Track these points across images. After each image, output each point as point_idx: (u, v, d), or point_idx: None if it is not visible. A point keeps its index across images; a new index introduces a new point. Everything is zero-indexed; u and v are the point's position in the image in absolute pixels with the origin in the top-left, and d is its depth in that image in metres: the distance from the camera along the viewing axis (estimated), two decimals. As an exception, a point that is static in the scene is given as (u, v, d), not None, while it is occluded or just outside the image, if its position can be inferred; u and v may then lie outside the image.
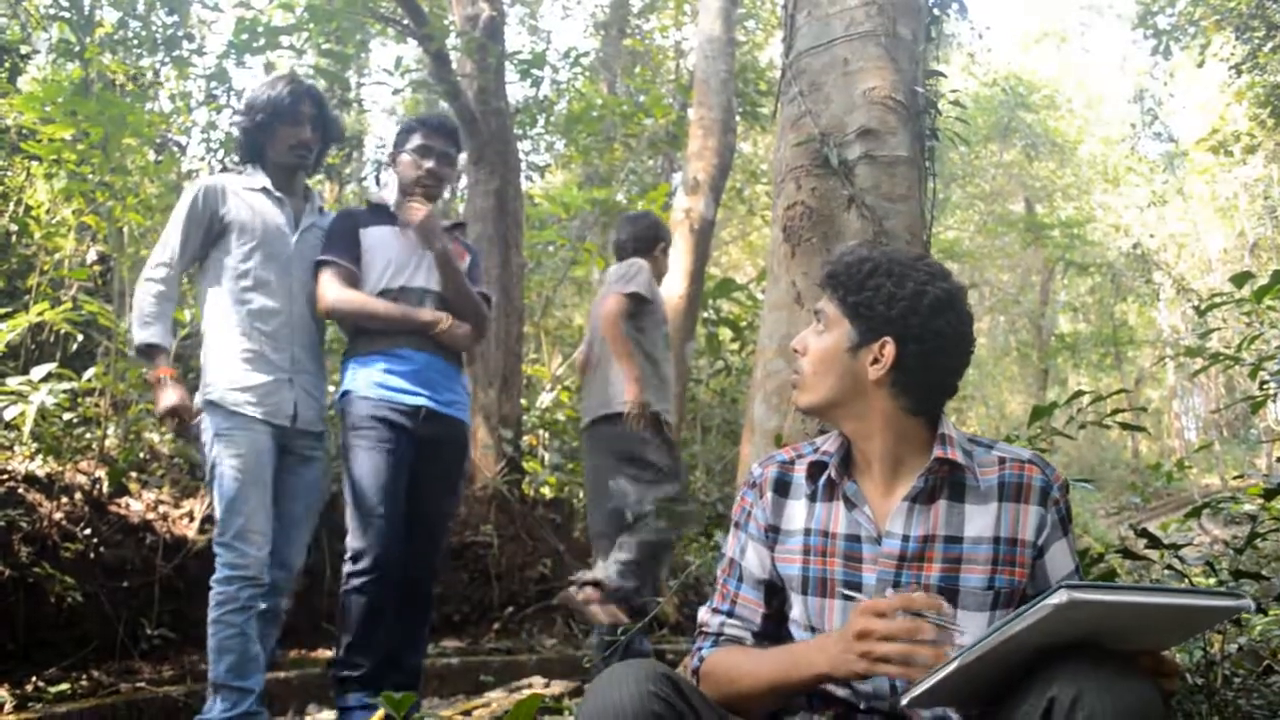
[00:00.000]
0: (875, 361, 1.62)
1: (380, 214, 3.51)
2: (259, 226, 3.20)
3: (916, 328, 1.60)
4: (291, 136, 3.28)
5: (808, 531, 1.69)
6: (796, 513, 1.73)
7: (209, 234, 3.19)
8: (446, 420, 3.38)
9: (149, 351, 3.10)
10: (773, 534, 1.74)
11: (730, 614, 1.78)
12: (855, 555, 1.64)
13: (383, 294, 3.36)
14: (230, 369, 3.10)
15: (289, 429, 3.17)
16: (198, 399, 3.12)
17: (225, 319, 3.14)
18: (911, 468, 1.64)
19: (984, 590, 1.57)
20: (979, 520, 1.60)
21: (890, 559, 1.60)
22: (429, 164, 3.48)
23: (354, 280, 3.36)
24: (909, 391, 1.63)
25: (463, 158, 6.03)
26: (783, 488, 1.76)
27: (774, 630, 1.77)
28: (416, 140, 3.51)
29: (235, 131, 3.44)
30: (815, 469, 1.72)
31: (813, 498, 1.71)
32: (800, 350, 1.72)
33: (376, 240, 3.42)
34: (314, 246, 3.34)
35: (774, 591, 1.76)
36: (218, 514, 3.04)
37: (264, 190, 3.26)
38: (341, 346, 3.66)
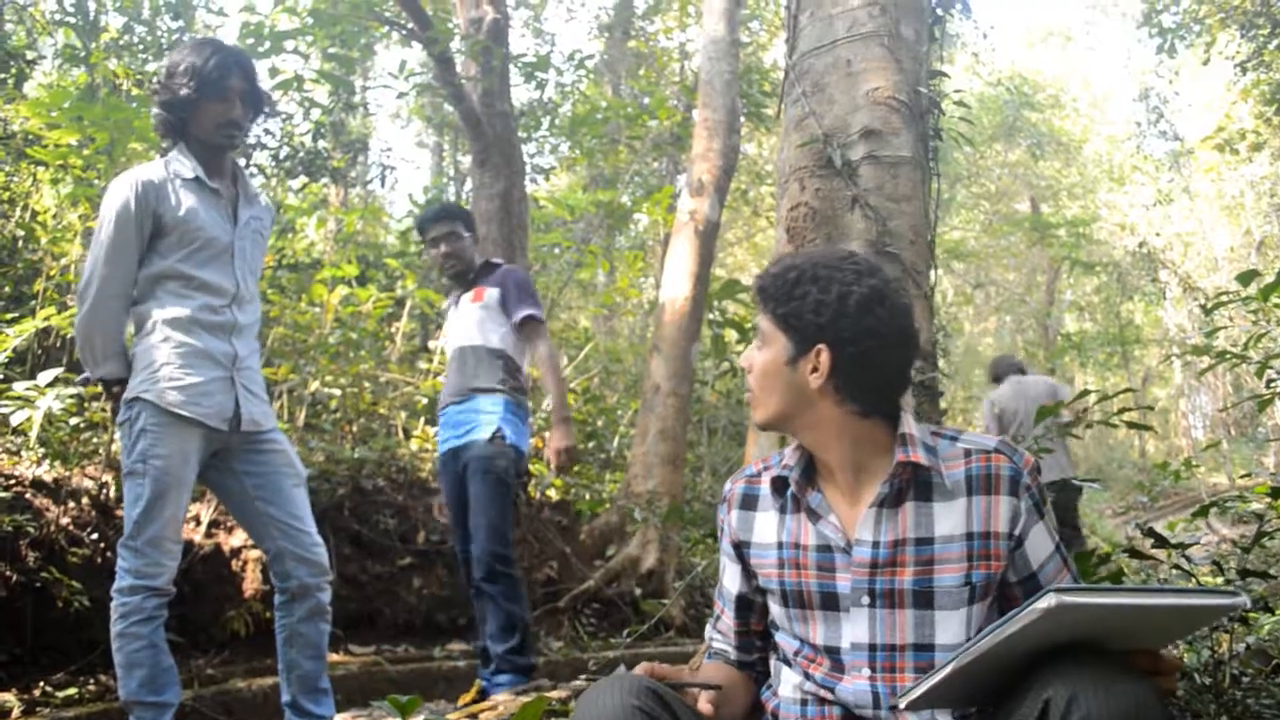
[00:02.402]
0: (814, 371, 1.58)
1: (451, 301, 4.33)
2: (197, 225, 2.88)
3: (848, 330, 1.56)
4: (219, 114, 2.90)
5: (780, 545, 1.68)
6: (767, 526, 1.71)
7: (151, 234, 2.87)
8: (464, 448, 3.98)
9: (109, 385, 2.87)
10: (744, 549, 1.74)
11: (717, 628, 1.84)
12: (828, 565, 1.62)
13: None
14: (167, 366, 2.81)
15: (228, 433, 2.89)
16: (128, 393, 2.83)
17: (162, 317, 2.85)
18: (875, 471, 1.62)
19: (960, 588, 1.55)
20: (949, 518, 1.57)
21: (862, 567, 1.58)
22: (441, 250, 4.17)
23: None
24: (855, 396, 1.59)
25: (467, 161, 6.14)
26: (749, 502, 1.75)
27: (749, 644, 1.79)
28: (426, 235, 4.25)
29: (154, 105, 3.02)
30: (778, 484, 1.70)
31: (782, 510, 1.70)
32: (747, 367, 1.69)
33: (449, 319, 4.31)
34: (255, 241, 3.07)
35: (748, 607, 1.78)
36: (131, 515, 2.75)
37: (197, 180, 2.92)
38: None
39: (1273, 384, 3.31)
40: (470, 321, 4.09)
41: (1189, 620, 1.47)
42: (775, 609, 1.70)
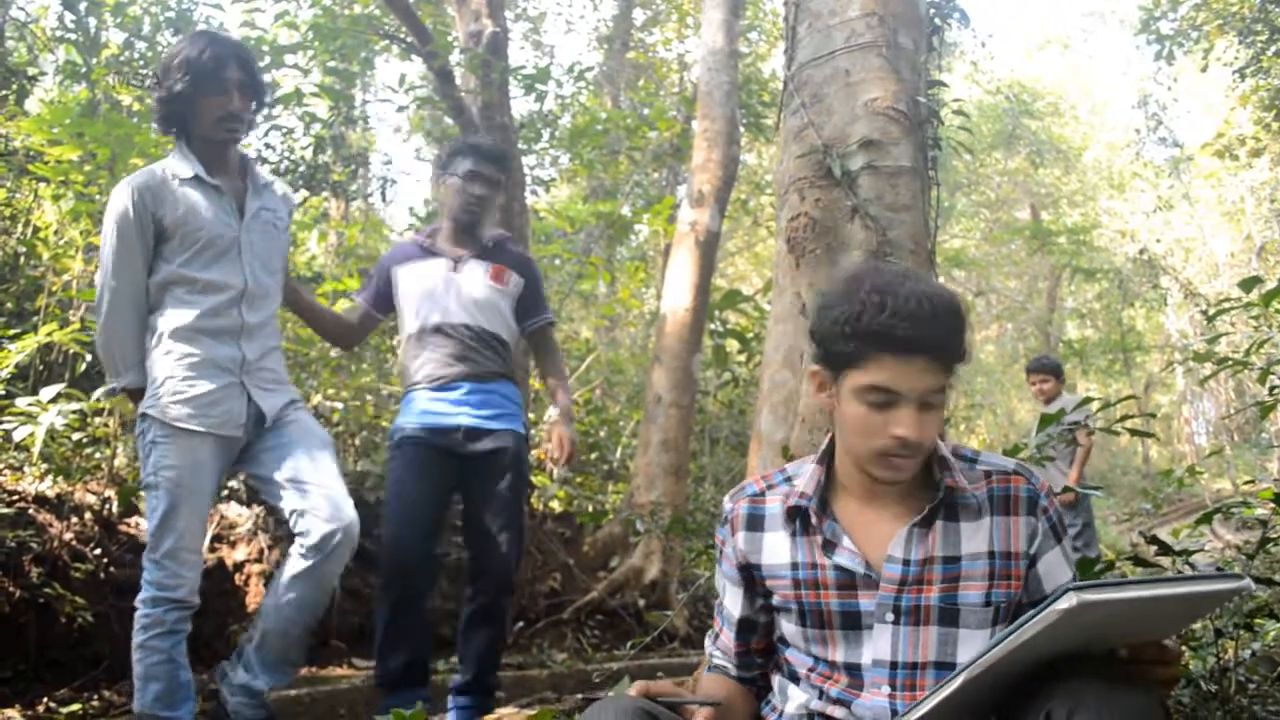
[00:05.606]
0: (943, 390, 1.58)
1: (424, 250, 3.56)
2: (199, 226, 2.82)
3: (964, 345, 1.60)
4: (218, 108, 2.83)
5: (796, 565, 1.67)
6: (778, 546, 1.69)
7: (155, 239, 2.83)
8: (493, 433, 3.42)
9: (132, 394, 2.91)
10: (753, 570, 1.72)
11: (717, 645, 1.85)
12: (849, 584, 1.62)
13: (420, 332, 3.44)
14: (170, 380, 2.80)
15: (241, 438, 2.88)
16: (140, 407, 2.85)
17: (166, 327, 2.83)
18: (905, 490, 1.63)
19: (983, 607, 1.57)
20: (974, 537, 1.60)
21: (891, 584, 1.59)
22: (476, 190, 3.49)
23: (365, 319, 3.60)
24: None
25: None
26: (755, 522, 1.73)
27: (750, 662, 1.80)
28: (467, 165, 3.50)
29: (152, 102, 2.94)
30: (793, 513, 1.68)
31: (794, 534, 1.68)
32: (923, 437, 1.54)
33: (413, 277, 3.49)
34: (267, 232, 2.99)
35: (750, 629, 1.78)
36: (150, 528, 2.77)
37: (196, 179, 2.85)
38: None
39: (1275, 390, 3.30)
40: (481, 301, 3.47)
41: (1197, 607, 1.49)
42: (790, 628, 1.69)
